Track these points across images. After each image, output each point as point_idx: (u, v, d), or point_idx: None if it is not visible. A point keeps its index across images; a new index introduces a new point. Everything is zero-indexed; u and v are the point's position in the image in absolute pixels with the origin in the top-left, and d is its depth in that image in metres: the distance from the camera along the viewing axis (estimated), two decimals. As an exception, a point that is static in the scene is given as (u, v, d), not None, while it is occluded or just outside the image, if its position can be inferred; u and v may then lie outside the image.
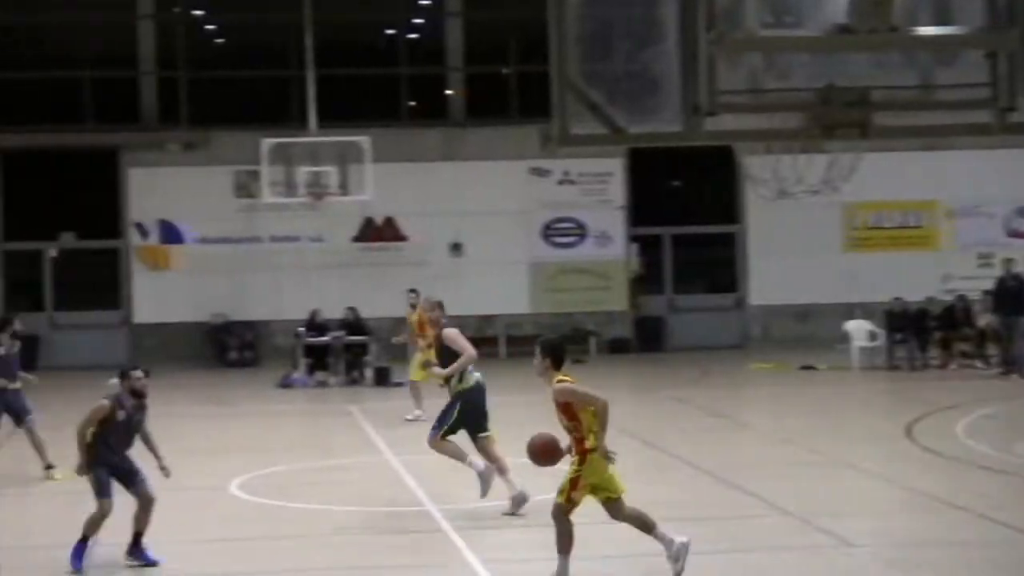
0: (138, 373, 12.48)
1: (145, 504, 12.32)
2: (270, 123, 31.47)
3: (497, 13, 32.70)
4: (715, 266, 35.57)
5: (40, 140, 32.20)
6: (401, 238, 32.89)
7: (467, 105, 34.16)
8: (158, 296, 32.22)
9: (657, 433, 20.20)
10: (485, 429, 14.65)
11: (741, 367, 30.31)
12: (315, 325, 28.37)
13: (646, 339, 33.72)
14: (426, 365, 21.22)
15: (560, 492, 11.21)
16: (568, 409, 11.20)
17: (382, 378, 27.38)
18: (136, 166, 32.43)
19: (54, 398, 25.95)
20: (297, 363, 27.91)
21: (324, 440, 21.30)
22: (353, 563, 12.98)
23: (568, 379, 11.37)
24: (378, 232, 32.79)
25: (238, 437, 21.13)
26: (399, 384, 26.72)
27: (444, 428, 14.61)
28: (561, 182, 33.39)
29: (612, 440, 11.37)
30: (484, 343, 32.57)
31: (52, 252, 32.80)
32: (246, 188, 32.03)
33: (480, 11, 33.73)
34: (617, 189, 33.69)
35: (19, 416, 17.29)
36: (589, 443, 11.08)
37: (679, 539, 11.25)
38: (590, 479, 11.13)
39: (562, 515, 11.19)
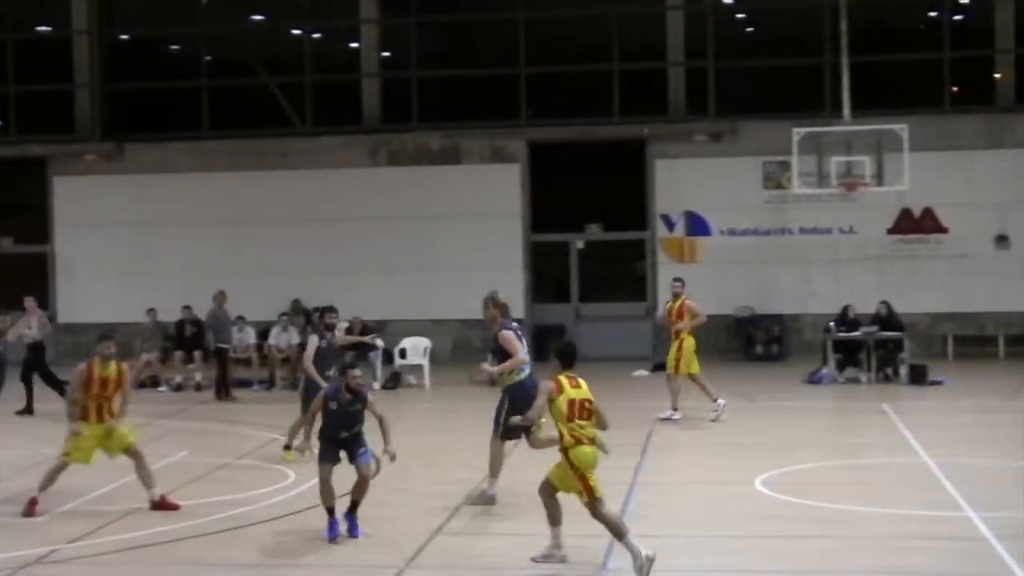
0: (355, 372, 13.49)
1: (360, 477, 13.36)
2: (800, 112, 30.33)
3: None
4: None
5: (568, 132, 32.38)
6: (941, 230, 31.03)
7: (1016, 89, 31.89)
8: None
9: None
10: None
11: None
12: (846, 320, 27.06)
13: None
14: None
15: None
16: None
17: (917, 376, 25.88)
18: (662, 157, 32.05)
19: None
20: (827, 358, 26.71)
21: (855, 438, 20.37)
22: (886, 567, 12.02)
23: (563, 378, 12.02)
24: (915, 224, 31.07)
25: (764, 432, 20.46)
26: (936, 382, 25.55)
27: (501, 428, 14.57)
28: (1125, 170, 30.65)
29: None
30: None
31: (579, 244, 32.88)
32: (775, 179, 31.21)
33: (1036, -12, 31.50)
34: None
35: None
36: (565, 441, 11.78)
37: (645, 552, 11.25)
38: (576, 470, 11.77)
39: (597, 512, 11.79)
